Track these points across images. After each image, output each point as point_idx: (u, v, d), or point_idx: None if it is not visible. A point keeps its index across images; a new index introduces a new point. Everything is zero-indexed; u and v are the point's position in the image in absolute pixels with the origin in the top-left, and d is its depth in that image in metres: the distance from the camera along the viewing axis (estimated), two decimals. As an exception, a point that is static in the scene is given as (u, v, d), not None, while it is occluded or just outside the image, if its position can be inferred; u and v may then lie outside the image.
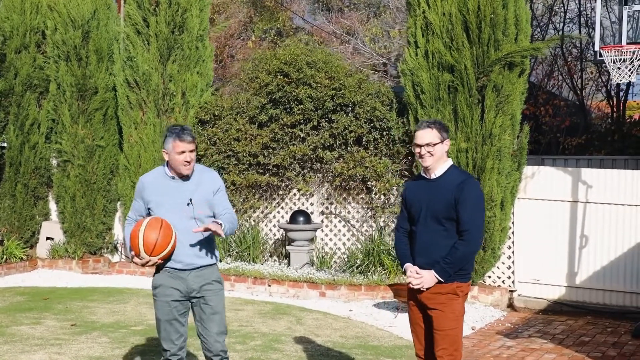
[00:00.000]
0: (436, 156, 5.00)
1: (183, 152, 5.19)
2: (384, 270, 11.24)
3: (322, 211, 12.31)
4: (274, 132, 12.00)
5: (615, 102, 17.64)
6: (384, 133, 11.48)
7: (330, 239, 12.27)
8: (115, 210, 13.49)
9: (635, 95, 19.12)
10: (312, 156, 11.93)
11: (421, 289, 4.94)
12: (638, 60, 8.81)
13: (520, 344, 8.53)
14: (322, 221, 12.26)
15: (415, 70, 10.91)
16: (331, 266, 11.90)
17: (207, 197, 5.33)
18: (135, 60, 12.46)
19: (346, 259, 11.91)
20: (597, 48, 9.50)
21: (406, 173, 11.59)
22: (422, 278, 4.91)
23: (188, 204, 5.25)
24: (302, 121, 11.90)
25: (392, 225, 11.90)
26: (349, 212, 12.14)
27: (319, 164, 12.03)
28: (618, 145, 16.12)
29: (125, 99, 12.67)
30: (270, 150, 12.09)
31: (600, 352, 8.24)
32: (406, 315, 9.83)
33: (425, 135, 5.02)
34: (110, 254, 13.56)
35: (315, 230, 11.95)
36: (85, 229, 13.13)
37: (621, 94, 17.50)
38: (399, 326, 9.25)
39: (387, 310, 10.23)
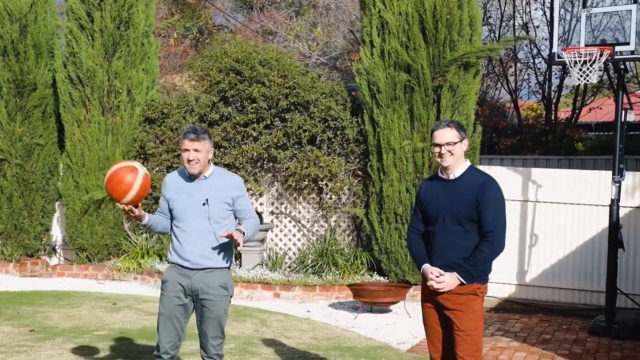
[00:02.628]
0: (456, 155, 4.94)
1: (187, 150, 5.24)
2: (338, 270, 11.19)
3: (272, 211, 12.18)
4: (225, 131, 11.80)
5: (547, 103, 18.03)
6: (338, 132, 11.43)
7: (280, 239, 12.14)
8: (53, 210, 13.03)
9: (565, 97, 19.58)
10: (264, 155, 11.78)
11: (441, 290, 4.87)
12: (598, 61, 8.97)
13: (487, 342, 8.58)
14: (272, 221, 12.12)
15: (371, 70, 10.90)
16: (282, 266, 11.78)
17: (224, 200, 5.32)
18: (78, 56, 12.06)
19: (298, 260, 11.81)
20: (555, 49, 9.64)
21: (360, 173, 11.57)
22: (444, 283, 4.84)
23: (204, 204, 5.26)
24: (255, 120, 11.73)
25: (344, 225, 11.87)
26: (299, 212, 12.05)
27: (271, 164, 11.89)
28: (552, 145, 16.49)
29: (67, 96, 12.24)
30: (222, 150, 11.88)
31: (566, 350, 8.38)
32: (365, 315, 9.88)
33: (445, 135, 4.95)
34: (48, 256, 13.09)
35: (267, 230, 11.81)
36: (22, 230, 12.62)
37: (553, 94, 17.90)
38: (362, 326, 9.21)
39: (344, 310, 10.19)
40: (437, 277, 4.85)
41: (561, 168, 14.78)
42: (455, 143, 4.91)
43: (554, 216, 11.15)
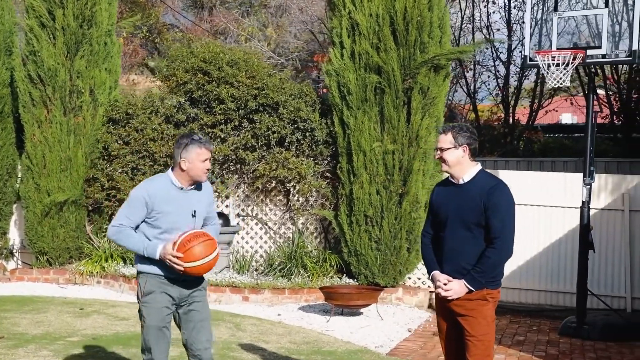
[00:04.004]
0: (450, 162, 4.90)
1: (206, 159, 5.10)
2: (307, 272, 11.10)
3: (239, 213, 12.03)
4: (192, 132, 11.61)
5: (505, 105, 18.18)
6: (307, 134, 11.33)
7: (247, 242, 12.00)
8: (11, 213, 12.65)
9: (523, 99, 19.79)
10: (232, 157, 11.62)
11: (449, 298, 4.82)
12: (571, 64, 9.05)
13: (464, 344, 8.58)
14: (238, 224, 11.97)
15: (341, 71, 10.84)
16: (250, 269, 11.64)
17: (206, 209, 5.29)
18: (39, 55, 11.73)
19: (266, 262, 11.68)
20: (526, 52, 9.71)
21: (329, 175, 11.50)
22: (452, 291, 4.78)
23: (193, 216, 5.16)
24: (223, 121, 11.56)
25: (311, 228, 11.78)
26: (266, 215, 11.92)
27: (238, 165, 11.73)
28: (510, 147, 16.64)
29: (27, 95, 11.90)
30: (189, 151, 11.66)
31: (542, 352, 8.44)
32: (338, 318, 9.81)
33: (439, 140, 4.96)
34: (4, 259, 12.73)
35: (234, 233, 11.66)
36: (-22, 233, 12.27)
37: (511, 97, 18.06)
38: (337, 330, 9.14)
39: (315, 313, 10.10)
40: (445, 284, 4.81)
41: (520, 170, 14.93)
42: (445, 149, 4.89)
43: (520, 218, 11.18)
